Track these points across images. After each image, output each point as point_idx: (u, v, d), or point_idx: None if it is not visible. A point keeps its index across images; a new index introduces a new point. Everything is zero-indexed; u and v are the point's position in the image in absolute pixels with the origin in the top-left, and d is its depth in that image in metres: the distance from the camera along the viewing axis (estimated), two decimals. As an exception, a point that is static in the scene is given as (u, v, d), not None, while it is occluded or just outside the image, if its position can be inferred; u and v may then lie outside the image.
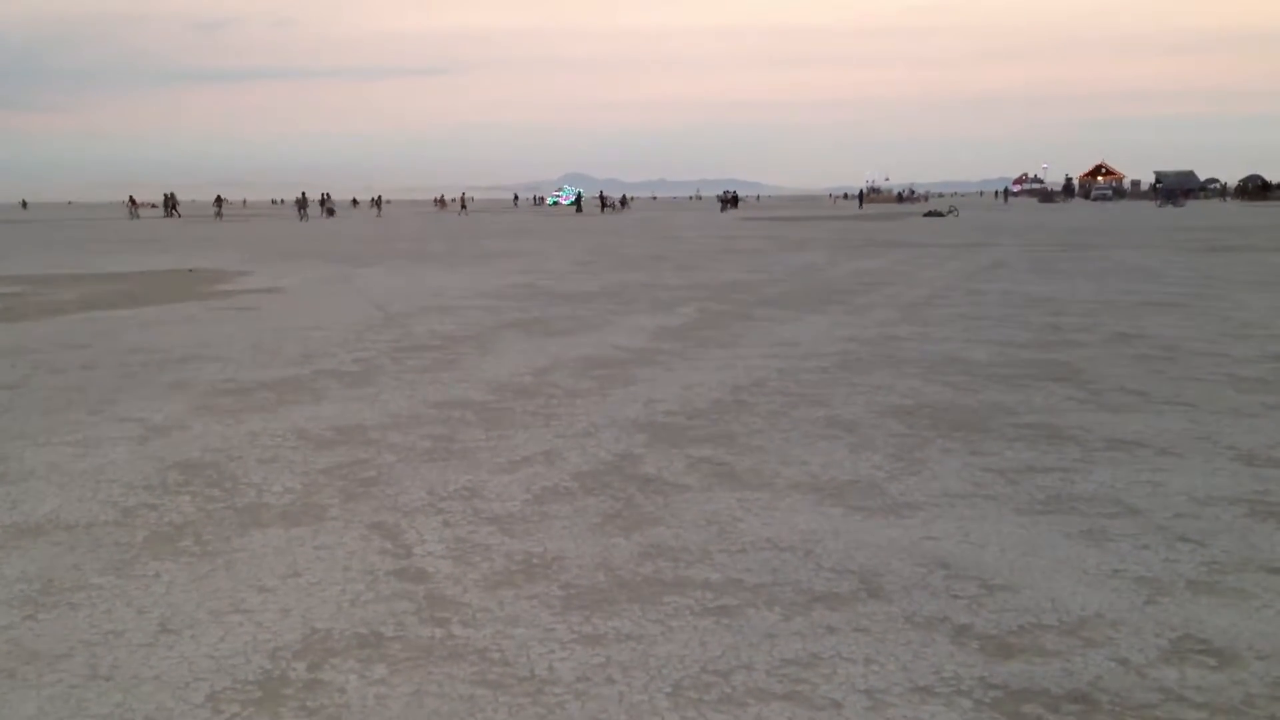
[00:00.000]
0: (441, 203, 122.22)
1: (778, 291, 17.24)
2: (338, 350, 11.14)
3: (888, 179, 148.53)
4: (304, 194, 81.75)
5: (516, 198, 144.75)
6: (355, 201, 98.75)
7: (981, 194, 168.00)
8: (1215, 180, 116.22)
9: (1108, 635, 3.83)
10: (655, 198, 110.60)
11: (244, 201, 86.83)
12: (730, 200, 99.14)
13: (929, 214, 65.54)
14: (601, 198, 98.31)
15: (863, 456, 6.47)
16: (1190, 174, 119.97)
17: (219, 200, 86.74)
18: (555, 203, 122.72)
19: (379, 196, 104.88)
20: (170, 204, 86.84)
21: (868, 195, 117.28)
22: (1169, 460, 6.26)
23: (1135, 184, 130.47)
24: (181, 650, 3.86)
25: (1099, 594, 4.22)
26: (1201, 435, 6.84)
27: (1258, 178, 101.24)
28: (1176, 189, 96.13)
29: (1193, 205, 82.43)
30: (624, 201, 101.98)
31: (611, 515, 5.35)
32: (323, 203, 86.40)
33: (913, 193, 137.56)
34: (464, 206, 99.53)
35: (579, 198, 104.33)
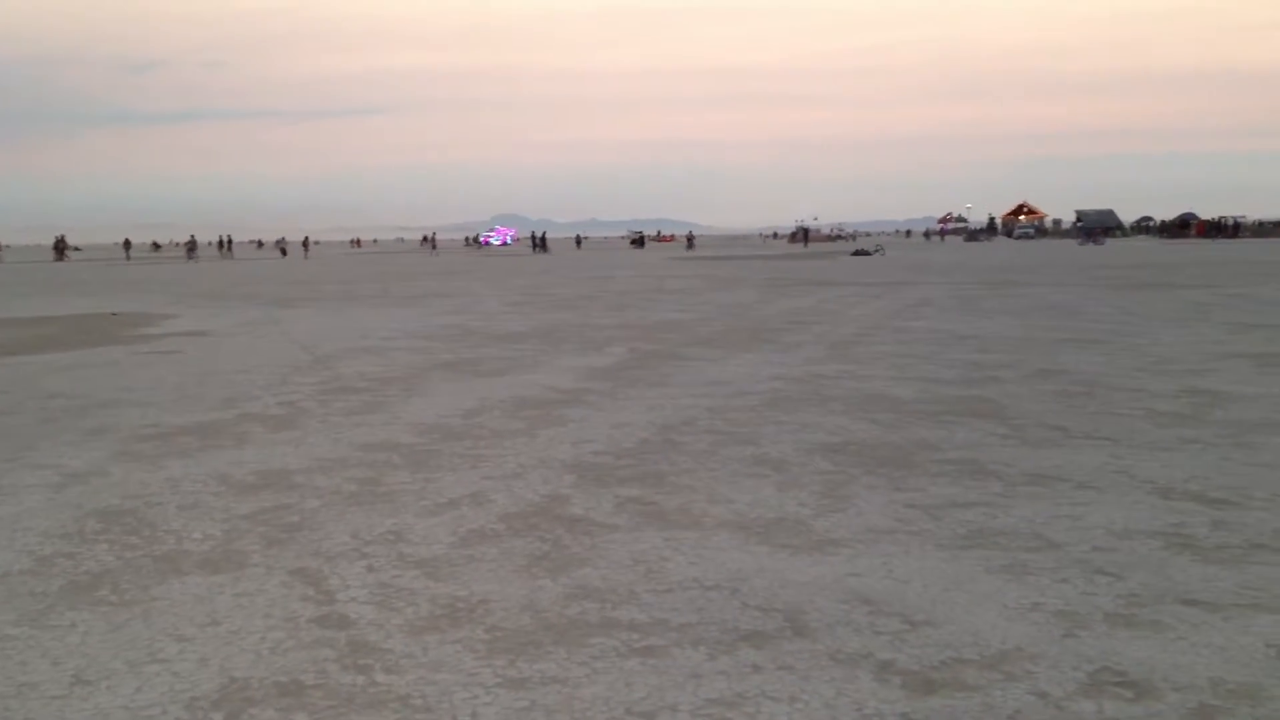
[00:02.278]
0: (357, 243, 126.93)
1: (708, 331, 17.34)
2: (262, 393, 11.01)
3: (816, 218, 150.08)
4: (193, 237, 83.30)
5: (425, 238, 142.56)
6: (304, 242, 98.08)
7: (910, 233, 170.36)
8: (1149, 218, 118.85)
9: (1027, 669, 3.87)
10: (580, 237, 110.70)
11: (154, 244, 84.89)
12: (638, 240, 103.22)
13: (857, 253, 66.43)
14: (533, 237, 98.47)
15: (789, 494, 6.51)
16: (1110, 212, 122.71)
17: (128, 243, 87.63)
18: (500, 242, 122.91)
19: (307, 238, 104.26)
20: (60, 247, 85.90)
21: (809, 235, 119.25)
22: (1088, 494, 6.37)
23: (1057, 223, 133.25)
24: (96, 702, 3.77)
25: (1019, 627, 4.27)
26: (1119, 469, 6.97)
27: (1192, 214, 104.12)
28: (1097, 227, 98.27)
29: (1112, 243, 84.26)
30: (542, 241, 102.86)
31: (538, 557, 5.33)
32: (222, 245, 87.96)
33: (842, 232, 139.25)
34: (305, 247, 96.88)
35: (533, 238, 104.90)
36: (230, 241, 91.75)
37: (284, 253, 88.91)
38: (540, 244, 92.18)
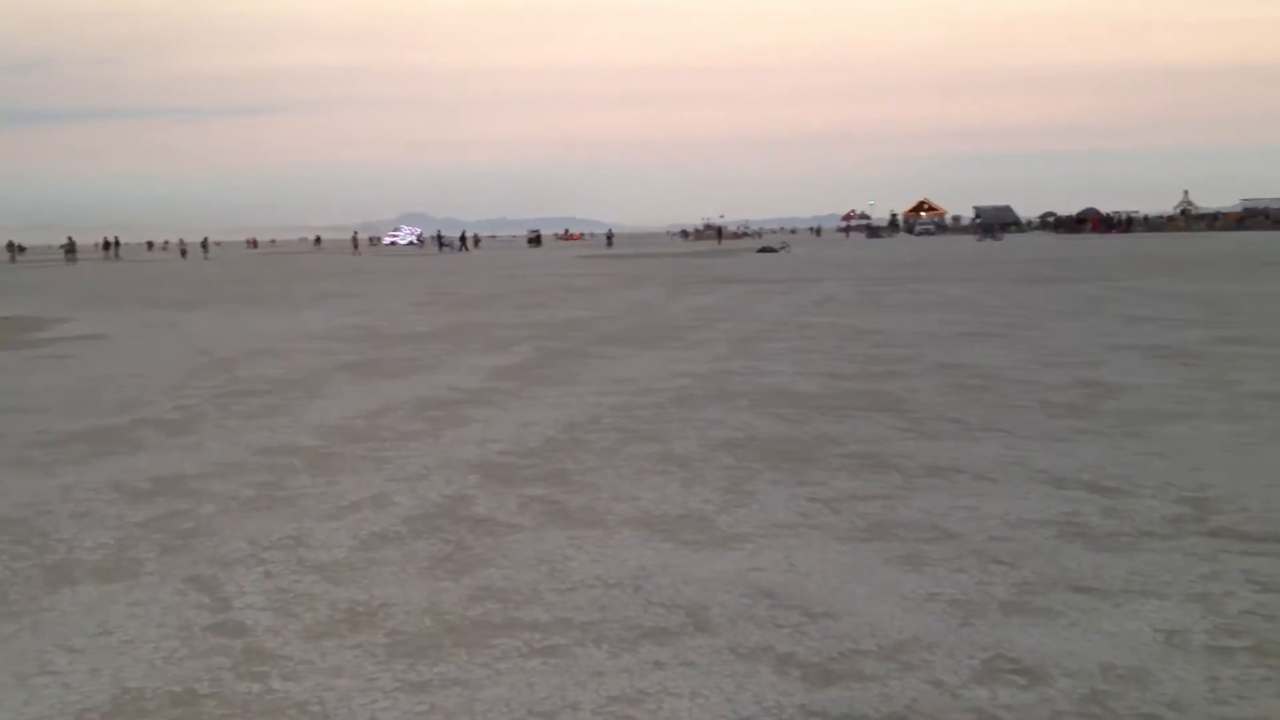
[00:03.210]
0: (253, 244, 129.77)
1: (615, 328, 17.35)
2: (159, 398, 10.77)
3: (722, 216, 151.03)
4: (71, 239, 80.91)
5: (319, 239, 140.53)
6: (203, 243, 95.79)
7: (819, 231, 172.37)
8: (1052, 214, 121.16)
9: (924, 658, 3.94)
10: (476, 236, 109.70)
11: (18, 246, 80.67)
12: (535, 239, 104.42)
13: (763, 250, 66.94)
14: (438, 237, 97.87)
15: (694, 491, 6.54)
16: (1007, 209, 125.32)
17: (10, 246, 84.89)
18: (405, 241, 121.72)
19: (206, 239, 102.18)
20: None
21: (722, 232, 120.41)
22: (984, 485, 6.49)
23: (956, 219, 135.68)
24: (-21, 719, 3.66)
25: (916, 618, 4.34)
26: (1014, 460, 7.12)
27: (1092, 210, 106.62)
28: (995, 223, 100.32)
29: (1010, 239, 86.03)
30: (464, 240, 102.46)
31: (441, 559, 5.29)
32: (108, 245, 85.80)
33: (748, 230, 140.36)
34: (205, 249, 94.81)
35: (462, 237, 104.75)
36: (118, 243, 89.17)
37: (184, 254, 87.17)
38: (463, 243, 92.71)
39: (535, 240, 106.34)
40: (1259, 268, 31.89)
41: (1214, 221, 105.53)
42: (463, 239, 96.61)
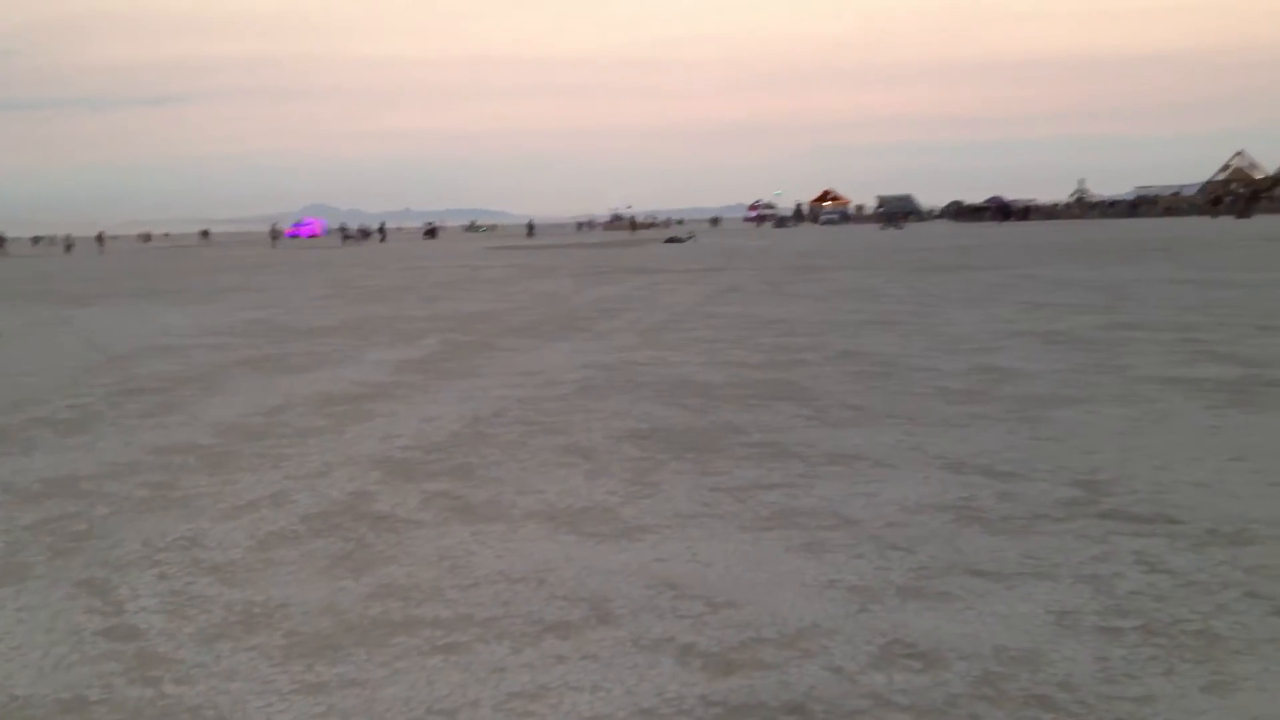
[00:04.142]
0: (147, 237, 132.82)
1: (521, 320, 17.28)
2: (51, 396, 10.48)
3: (630, 207, 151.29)
4: None
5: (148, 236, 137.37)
6: (98, 237, 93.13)
7: (715, 221, 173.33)
8: (958, 202, 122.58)
9: (822, 645, 3.98)
10: (382, 227, 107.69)
11: None
12: (430, 231, 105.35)
13: (670, 240, 67.16)
14: (342, 229, 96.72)
15: (598, 482, 6.54)
16: (909, 197, 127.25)
17: None
18: (308, 233, 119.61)
19: (101, 233, 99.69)
20: None
21: (635, 223, 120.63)
22: (884, 471, 6.58)
23: (860, 208, 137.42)
24: None
25: (816, 605, 4.39)
26: (913, 446, 7.23)
27: (997, 198, 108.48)
28: (897, 212, 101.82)
29: (912, 227, 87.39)
30: (383, 231, 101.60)
31: (341, 557, 5.22)
32: None
33: (655, 220, 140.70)
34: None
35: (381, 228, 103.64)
36: (2, 240, 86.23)
37: (69, 249, 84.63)
38: (382, 234, 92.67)
39: (431, 233, 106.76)
40: (1150, 253, 32.78)
41: (1108, 209, 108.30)
42: (381, 230, 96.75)
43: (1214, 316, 14.60)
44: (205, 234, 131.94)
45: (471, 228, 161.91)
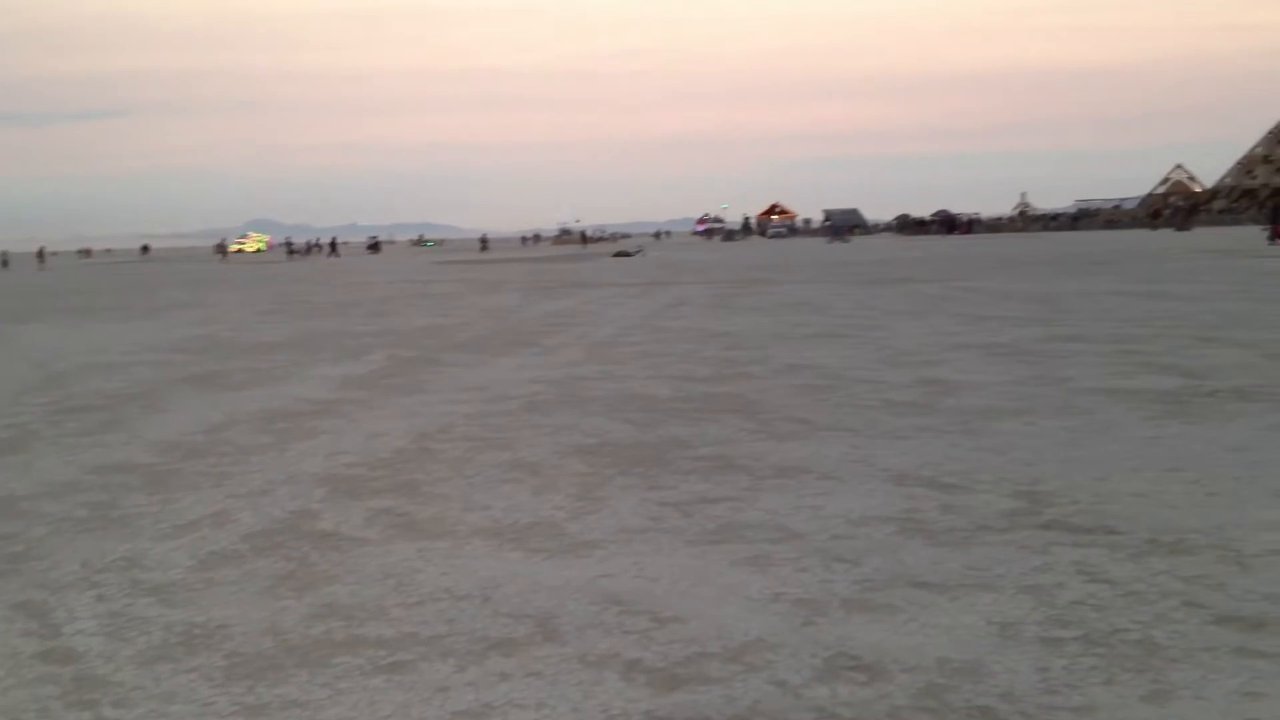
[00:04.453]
0: (88, 253, 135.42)
1: (468, 336, 17.22)
2: (-13, 416, 10.29)
3: (579, 220, 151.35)
4: None
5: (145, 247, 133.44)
6: (39, 253, 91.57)
7: (669, 234, 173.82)
8: (907, 215, 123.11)
9: (767, 659, 3.99)
10: (334, 242, 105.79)
11: None
12: (374, 245, 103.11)
13: (618, 254, 67.24)
14: (288, 244, 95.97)
15: (545, 498, 6.52)
16: (855, 211, 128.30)
17: None
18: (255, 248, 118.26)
19: (42, 248, 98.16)
20: None
21: (586, 236, 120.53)
22: (829, 484, 6.62)
23: (807, 221, 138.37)
24: None
25: (761, 619, 4.40)
26: (859, 459, 7.27)
27: (944, 211, 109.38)
28: (844, 225, 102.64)
29: (858, 241, 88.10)
30: (334, 246, 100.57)
31: (283, 577, 5.16)
32: None
33: (603, 234, 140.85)
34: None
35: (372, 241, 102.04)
36: None
37: (4, 264, 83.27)
38: (333, 249, 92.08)
39: (374, 247, 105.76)
40: (1091, 266, 33.24)
41: (1050, 222, 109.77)
42: (333, 245, 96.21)
43: (1153, 328, 14.83)
44: (145, 249, 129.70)
45: (419, 242, 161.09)
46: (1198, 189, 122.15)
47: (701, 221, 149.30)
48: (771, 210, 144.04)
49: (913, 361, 12.14)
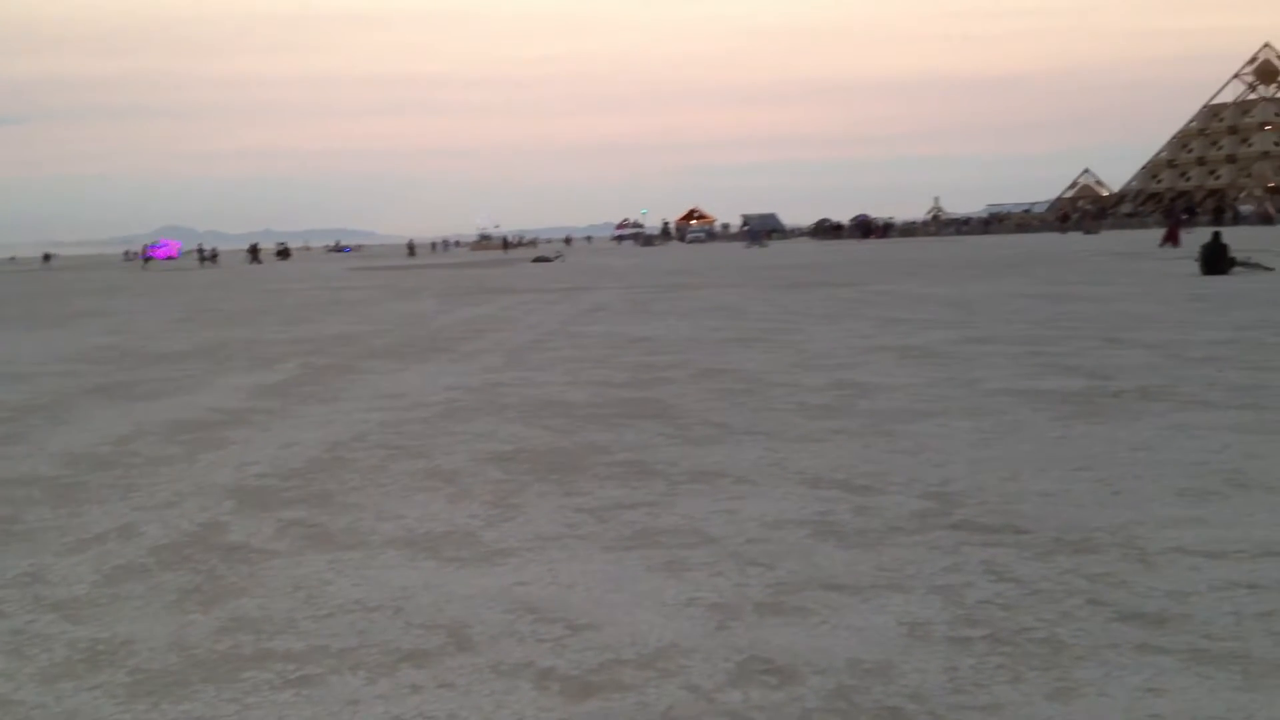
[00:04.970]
0: None
1: (385, 342, 17.05)
2: (-118, 429, 9.97)
3: (498, 225, 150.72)
4: None
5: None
6: None
7: (590, 239, 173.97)
8: (827, 219, 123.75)
9: (681, 664, 4.00)
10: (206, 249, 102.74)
11: None
12: (254, 251, 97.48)
13: (538, 259, 67.05)
14: (200, 250, 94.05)
15: (460, 506, 6.48)
16: (773, 216, 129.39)
17: None
18: (164, 255, 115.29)
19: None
20: None
21: (508, 242, 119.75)
22: (745, 488, 6.65)
23: (725, 226, 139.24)
24: None
25: (675, 624, 4.41)
26: (774, 462, 7.32)
27: (863, 216, 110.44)
28: (761, 230, 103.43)
29: (775, 245, 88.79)
30: (284, 252, 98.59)
31: (190, 590, 5.07)
32: None
33: (522, 239, 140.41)
34: None
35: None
36: None
37: None
38: (210, 257, 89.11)
39: (283, 254, 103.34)
40: (1001, 269, 33.84)
41: (963, 226, 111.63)
42: (285, 251, 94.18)
43: (1061, 330, 15.13)
44: (47, 258, 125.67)
45: (336, 249, 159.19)
46: (1105, 193, 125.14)
47: (621, 226, 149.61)
48: (690, 215, 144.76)
49: (828, 365, 12.26)
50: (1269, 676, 3.73)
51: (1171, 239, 44.52)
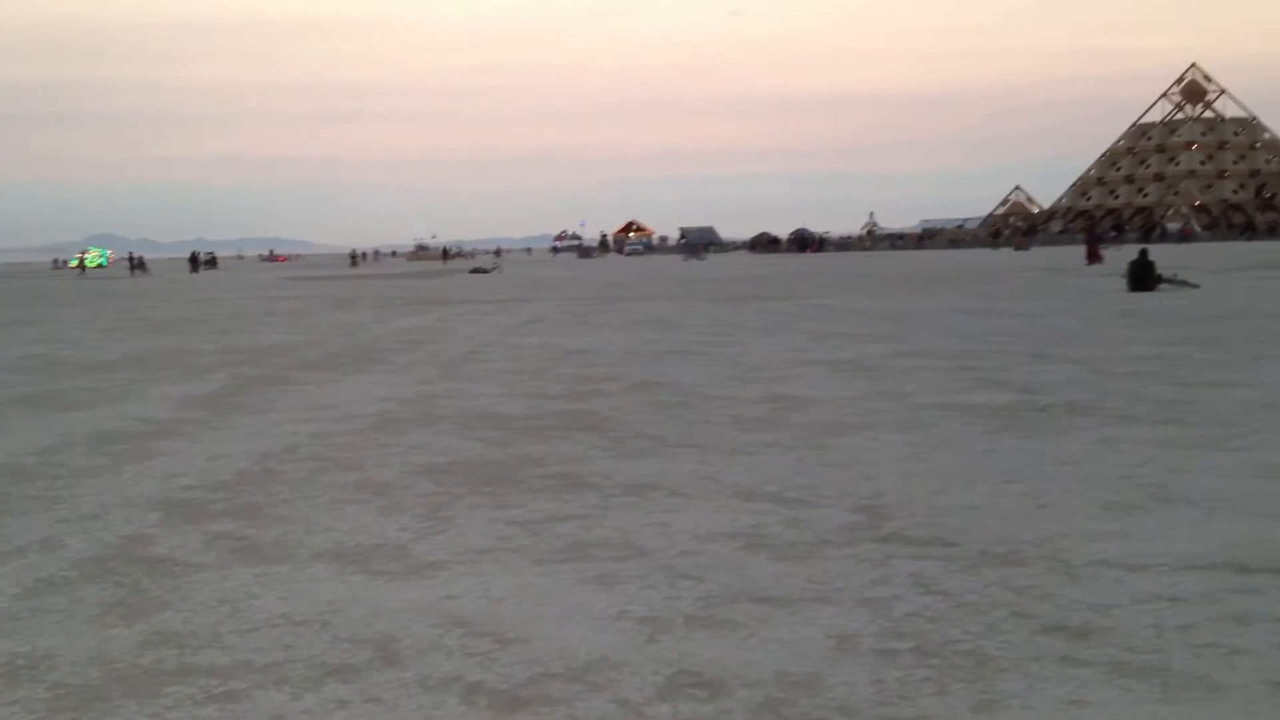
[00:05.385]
0: None
1: (318, 353, 16.89)
2: None
3: (435, 236, 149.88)
4: None
5: None
6: None
7: (530, 250, 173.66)
8: (766, 233, 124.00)
9: (610, 678, 3.99)
10: (212, 255, 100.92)
11: None
12: (194, 260, 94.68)
13: (475, 270, 66.81)
14: (130, 258, 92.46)
15: (391, 519, 6.43)
16: (710, 229, 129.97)
17: None
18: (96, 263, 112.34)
19: None
20: None
21: (447, 252, 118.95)
22: (677, 501, 6.67)
23: (663, 239, 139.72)
24: None
25: (605, 637, 4.40)
26: (707, 475, 7.35)
27: (803, 230, 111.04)
28: (699, 243, 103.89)
29: (713, 258, 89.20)
30: (210, 261, 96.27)
31: (113, 604, 4.98)
32: None
33: (461, 250, 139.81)
34: None
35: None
36: None
37: None
38: (139, 265, 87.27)
39: (210, 262, 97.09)
40: (934, 284, 34.26)
41: (897, 241, 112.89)
42: (211, 260, 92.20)
43: (991, 344, 15.34)
44: None
45: (270, 258, 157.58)
46: (1035, 210, 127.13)
47: (559, 238, 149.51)
48: (628, 228, 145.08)
49: (762, 378, 12.32)
50: (1188, 689, 3.80)
51: (1093, 256, 45.26)
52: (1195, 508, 6.21)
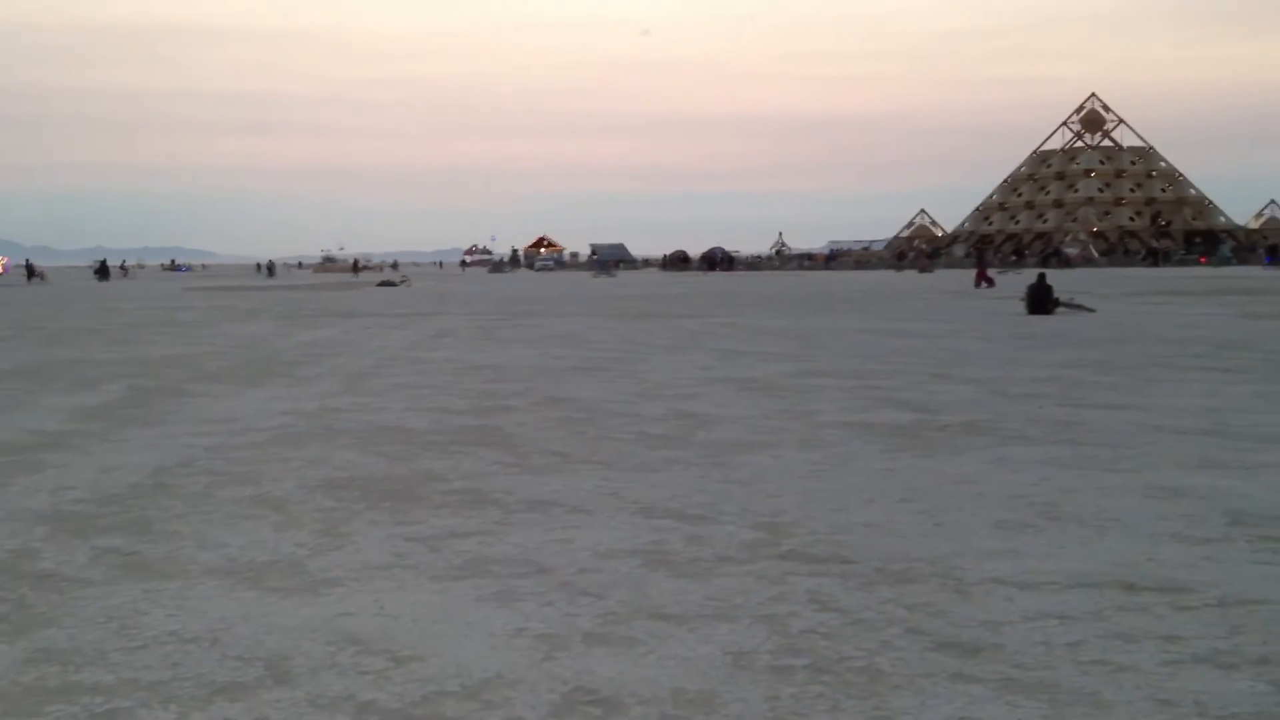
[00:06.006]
0: None
1: (218, 365, 16.58)
2: None
3: (343, 248, 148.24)
4: None
5: None
6: None
7: (441, 264, 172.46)
8: (683, 252, 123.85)
9: (506, 695, 3.96)
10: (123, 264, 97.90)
11: None
12: (103, 268, 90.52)
13: (383, 284, 66.15)
14: (27, 266, 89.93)
15: (287, 535, 6.32)
16: (621, 246, 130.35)
17: None
18: None
19: None
20: None
21: (358, 264, 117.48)
22: (579, 518, 6.65)
23: (574, 255, 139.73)
24: None
25: (502, 655, 4.37)
26: (610, 492, 7.34)
27: (718, 248, 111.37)
28: (610, 260, 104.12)
29: (623, 275, 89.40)
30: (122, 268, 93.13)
31: (-7, 621, 4.82)
32: None
33: (369, 262, 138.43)
34: None
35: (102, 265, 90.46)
36: None
37: None
38: (35, 273, 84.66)
39: (30, 270, 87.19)
40: (840, 304, 34.70)
41: (805, 261, 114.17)
42: (122, 267, 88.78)
43: (893, 364, 15.56)
44: None
45: (172, 267, 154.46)
46: (939, 233, 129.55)
47: (469, 252, 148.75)
48: (540, 243, 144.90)
49: (668, 395, 12.37)
50: (1075, 705, 3.87)
51: (983, 280, 46.08)
52: (1085, 527, 6.35)
